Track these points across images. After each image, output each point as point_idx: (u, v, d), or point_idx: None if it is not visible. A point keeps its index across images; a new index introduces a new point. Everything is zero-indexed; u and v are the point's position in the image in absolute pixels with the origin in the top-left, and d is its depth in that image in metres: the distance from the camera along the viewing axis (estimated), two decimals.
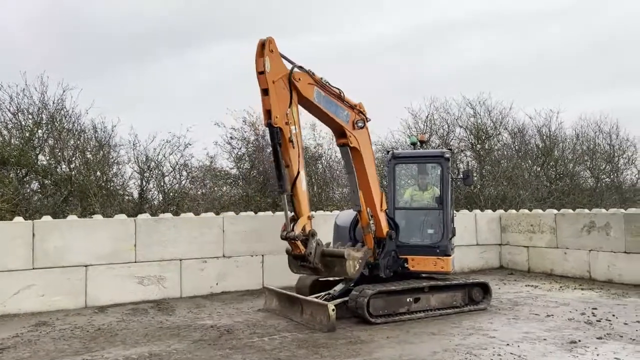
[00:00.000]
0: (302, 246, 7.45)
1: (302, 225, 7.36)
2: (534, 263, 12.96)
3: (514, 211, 14.54)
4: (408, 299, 8.02)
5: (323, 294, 8.31)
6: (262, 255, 11.05)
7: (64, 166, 14.96)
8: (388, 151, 10.03)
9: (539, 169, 22.54)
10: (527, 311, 8.38)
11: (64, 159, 14.93)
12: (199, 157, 17.46)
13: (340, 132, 8.17)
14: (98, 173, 15.14)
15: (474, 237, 13.55)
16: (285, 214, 7.40)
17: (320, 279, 8.65)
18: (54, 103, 15.15)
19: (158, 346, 6.60)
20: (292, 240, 7.42)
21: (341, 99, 8.03)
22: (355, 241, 8.58)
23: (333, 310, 7.19)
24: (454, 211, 9.42)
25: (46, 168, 14.65)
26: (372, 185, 8.27)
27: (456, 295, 8.50)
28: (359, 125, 8.20)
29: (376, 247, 8.35)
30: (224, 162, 18.26)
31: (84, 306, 9.27)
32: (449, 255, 8.73)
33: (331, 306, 7.23)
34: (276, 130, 7.12)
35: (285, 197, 7.39)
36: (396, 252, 8.52)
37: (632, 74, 39.52)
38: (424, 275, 8.79)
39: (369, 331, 7.16)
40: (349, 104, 8.15)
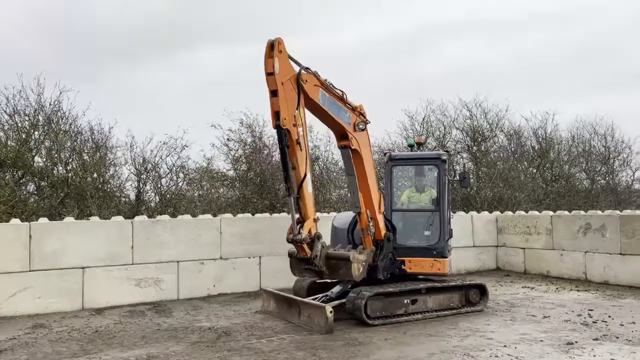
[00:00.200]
0: (308, 249, 7.41)
1: (309, 228, 7.33)
2: (530, 264, 13.01)
3: (510, 213, 14.60)
4: (405, 301, 8.04)
5: (320, 295, 8.34)
6: (260, 257, 11.06)
7: (60, 168, 14.95)
8: (385, 153, 10.06)
9: (534, 170, 22.64)
10: (524, 313, 8.42)
11: (60, 161, 14.91)
12: (196, 159, 17.50)
13: (342, 134, 8.17)
14: (95, 175, 15.12)
15: (470, 238, 13.59)
16: (291, 216, 7.38)
17: (318, 280, 8.67)
18: (50, 105, 15.18)
19: (156, 348, 6.60)
20: (299, 243, 7.37)
21: (344, 101, 8.05)
22: (354, 243, 8.59)
23: (331, 312, 7.20)
24: (451, 213, 9.45)
25: (43, 170, 14.62)
26: (372, 187, 8.30)
27: (453, 296, 8.53)
28: (360, 127, 8.21)
29: (375, 249, 8.37)
30: (221, 163, 18.29)
31: (80, 308, 9.25)
32: (446, 257, 8.76)
33: (329, 308, 7.25)
34: (285, 132, 7.07)
35: (292, 200, 7.33)
36: (393, 254, 8.54)
37: (627, 75, 39.81)
38: (421, 277, 8.82)
39: (366, 333, 7.18)
40: (351, 106, 8.17)
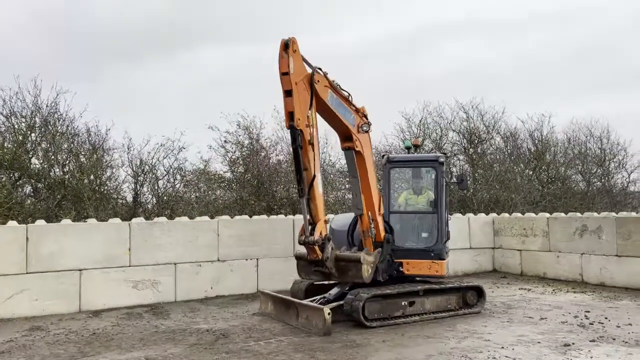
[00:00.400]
0: (320, 251, 7.41)
1: (320, 229, 7.33)
2: (527, 266, 13.05)
3: (506, 215, 14.64)
4: (403, 303, 8.05)
5: (318, 297, 8.33)
6: (257, 259, 11.06)
7: (57, 170, 14.91)
8: (383, 155, 10.08)
9: (531, 172, 22.71)
10: (521, 314, 8.44)
11: (57, 163, 14.87)
12: (193, 161, 17.50)
13: (346, 135, 8.16)
14: (92, 177, 15.09)
15: (467, 240, 13.63)
16: (304, 218, 7.37)
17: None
18: (47, 106, 15.15)
19: (154, 350, 6.59)
20: (311, 245, 7.38)
21: (349, 103, 8.07)
22: (353, 245, 8.60)
23: (329, 313, 7.20)
24: (449, 215, 9.47)
25: (39, 172, 14.59)
26: (373, 189, 8.32)
27: (451, 298, 8.55)
28: (363, 129, 8.23)
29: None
30: (218, 165, 18.30)
31: (77, 310, 9.23)
32: (444, 259, 8.78)
33: (327, 310, 7.24)
34: (298, 132, 7.07)
35: (304, 201, 7.31)
36: (391, 255, 8.56)
37: (627, 75, 40.03)
38: (419, 278, 8.83)
39: (364, 335, 7.19)
40: (355, 107, 8.19)
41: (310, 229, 7.31)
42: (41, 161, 14.89)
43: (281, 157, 18.48)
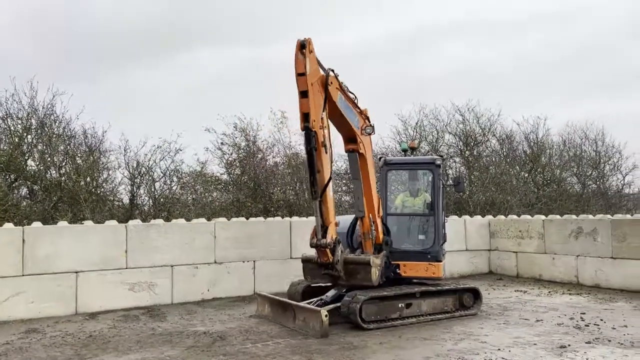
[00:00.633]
0: (331, 254, 7.41)
1: (332, 232, 7.34)
2: (523, 268, 13.10)
3: (502, 217, 14.69)
4: (400, 305, 8.06)
5: (315, 299, 8.34)
6: (254, 261, 11.06)
7: (53, 172, 14.88)
8: (379, 157, 10.11)
9: (526, 175, 22.80)
10: (517, 316, 8.48)
11: (53, 165, 14.84)
12: (190, 163, 17.48)
13: (351, 137, 8.16)
14: (88, 179, 15.06)
15: (463, 242, 13.66)
16: (316, 221, 7.37)
17: (311, 285, 8.70)
18: (43, 108, 15.12)
19: (151, 353, 6.58)
20: (324, 248, 7.37)
21: (355, 105, 8.09)
22: (353, 247, 8.61)
23: (326, 316, 7.21)
24: (445, 217, 9.51)
25: (36, 173, 14.55)
26: (373, 191, 8.35)
27: (447, 300, 8.57)
28: (367, 131, 8.25)
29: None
30: (215, 167, 18.30)
31: (74, 313, 9.20)
32: (440, 261, 8.81)
33: (324, 312, 7.25)
34: (313, 134, 7.04)
35: (317, 204, 7.29)
36: (388, 257, 8.58)
37: (627, 75, 40.26)
38: (415, 280, 8.86)
39: (361, 337, 7.20)
40: (359, 109, 8.22)
41: (322, 231, 7.30)
42: (37, 163, 14.86)
43: (278, 159, 18.53)
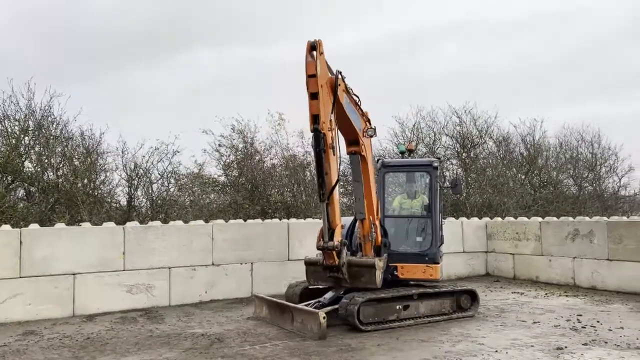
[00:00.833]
0: (337, 257, 7.43)
1: (338, 235, 7.35)
2: (520, 270, 13.14)
3: (499, 219, 14.73)
4: (398, 307, 8.09)
5: (313, 301, 8.35)
6: (251, 263, 11.06)
7: (50, 173, 14.85)
8: (377, 159, 10.14)
9: (523, 177, 22.87)
10: (514, 318, 8.51)
11: (51, 166, 14.81)
12: (187, 165, 17.48)
13: (353, 140, 8.17)
14: (85, 180, 15.03)
15: (460, 244, 13.70)
16: (323, 223, 7.36)
17: (309, 287, 8.70)
18: (41, 110, 15.09)
19: (149, 355, 6.58)
20: (331, 251, 7.36)
21: (358, 107, 8.10)
22: (352, 249, 8.61)
23: (324, 318, 7.22)
24: (442, 219, 9.54)
25: (33, 175, 14.52)
26: (373, 194, 8.37)
27: (445, 302, 8.60)
28: (369, 133, 8.28)
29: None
30: (212, 169, 18.30)
31: (71, 315, 9.19)
32: (438, 263, 8.83)
33: (322, 314, 7.27)
34: (322, 135, 7.02)
35: (324, 206, 7.29)
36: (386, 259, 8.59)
37: (627, 76, 40.45)
38: (413, 282, 8.88)
39: (359, 339, 7.22)
40: (361, 111, 8.24)
41: (328, 234, 7.30)
42: (34, 165, 14.83)
43: (275, 161, 18.56)
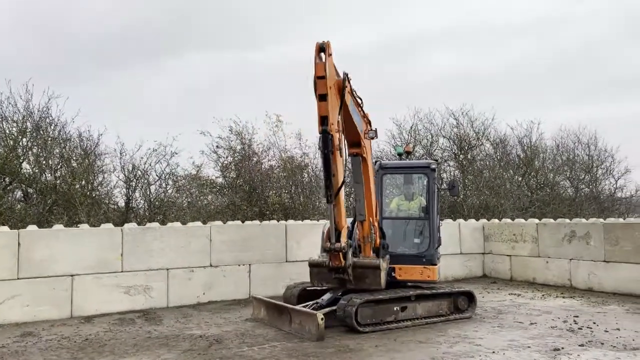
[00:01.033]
0: (343, 258, 7.45)
1: (345, 236, 7.36)
2: (517, 272, 13.19)
3: (496, 221, 14.79)
4: (395, 308, 8.11)
5: (311, 303, 8.38)
6: (249, 264, 11.08)
7: (48, 175, 14.83)
8: (375, 161, 10.17)
9: (520, 178, 22.93)
10: (511, 319, 8.55)
11: (49, 168, 14.80)
12: (185, 166, 17.47)
13: (355, 142, 8.17)
14: (83, 182, 15.02)
15: (457, 246, 13.75)
16: (330, 224, 7.36)
17: (307, 288, 8.72)
18: (39, 111, 15.06)
19: (148, 356, 6.60)
20: (338, 253, 7.37)
21: (360, 109, 8.13)
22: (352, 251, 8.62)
23: (322, 319, 7.25)
24: (440, 221, 9.58)
25: (30, 176, 14.50)
26: (373, 195, 8.41)
27: (442, 303, 8.63)
28: (369, 135, 8.32)
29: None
30: (210, 171, 18.30)
31: (69, 316, 9.19)
32: (435, 265, 8.88)
33: (320, 315, 7.30)
34: (330, 137, 7.01)
35: (331, 208, 7.29)
36: None
37: (613, 83, 40.64)
38: (410, 284, 8.91)
39: (357, 340, 7.24)
40: (363, 113, 8.27)
41: (335, 235, 7.31)
42: (32, 166, 14.80)
43: (273, 163, 18.56)
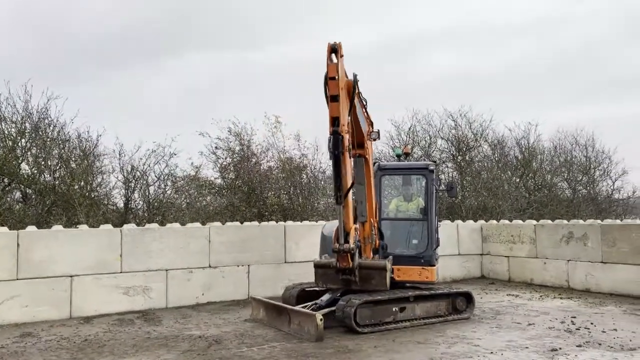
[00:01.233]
0: (351, 259, 7.46)
1: (353, 237, 7.36)
2: (515, 273, 13.23)
3: (494, 222, 14.83)
4: (394, 309, 8.14)
5: (310, 303, 8.40)
6: (248, 265, 11.11)
7: (47, 176, 14.83)
8: (374, 163, 10.20)
9: (518, 180, 23.00)
10: (509, 320, 8.59)
11: (47, 168, 14.80)
12: (184, 167, 17.48)
13: (359, 143, 8.19)
14: (82, 182, 15.02)
15: (456, 247, 13.79)
16: (339, 225, 7.36)
17: (306, 289, 8.75)
18: (37, 112, 15.06)
19: (147, 357, 6.61)
20: (347, 254, 7.38)
21: (365, 109, 8.16)
22: None
23: (321, 319, 7.26)
24: (438, 222, 9.62)
25: (29, 177, 14.49)
26: (373, 196, 8.44)
27: (440, 304, 8.66)
28: (372, 137, 8.36)
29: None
30: (209, 172, 18.31)
31: (68, 317, 9.20)
32: (434, 265, 8.92)
33: (319, 316, 7.31)
34: (341, 138, 7.02)
35: (340, 209, 7.30)
36: None
37: (611, 84, 40.77)
38: (409, 284, 8.94)
39: (356, 340, 7.27)
40: (366, 114, 8.31)
41: (344, 236, 7.31)
42: (31, 167, 14.80)
43: (272, 164, 18.58)
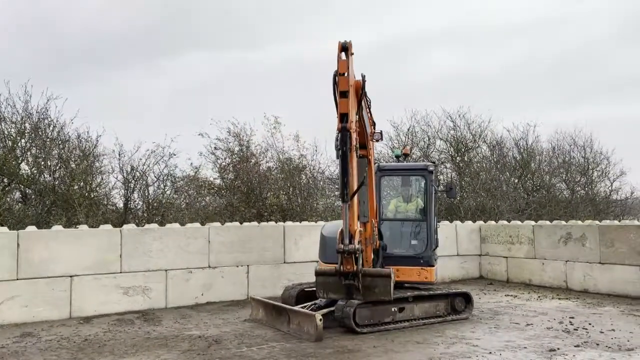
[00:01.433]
0: (355, 262, 7.08)
1: (357, 238, 7.11)
2: (513, 273, 13.27)
3: (493, 222, 14.87)
4: (393, 309, 8.16)
5: (309, 304, 8.45)
6: (248, 265, 11.13)
7: (47, 176, 14.84)
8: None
9: (516, 181, 23.03)
10: (508, 320, 8.62)
11: (47, 169, 14.81)
12: (183, 167, 17.49)
13: (363, 143, 8.17)
14: (81, 183, 15.03)
15: (454, 247, 13.82)
16: (344, 225, 7.12)
17: (305, 289, 8.77)
18: (37, 112, 15.06)
19: (147, 357, 6.64)
20: (351, 255, 6.99)
21: (369, 110, 8.18)
22: None
23: (320, 320, 7.29)
24: (437, 222, 9.65)
25: (29, 177, 14.50)
26: (374, 197, 8.46)
27: (439, 304, 8.69)
28: (375, 137, 8.37)
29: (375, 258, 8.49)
30: (208, 172, 18.32)
31: (68, 317, 9.22)
32: (433, 266, 8.95)
33: (319, 316, 7.34)
34: (349, 134, 6.98)
35: (346, 207, 7.09)
36: (382, 262, 8.70)
37: (609, 85, 40.85)
38: (408, 285, 8.98)
39: (355, 340, 7.30)
40: (370, 115, 8.34)
41: (348, 237, 7.02)
42: (31, 167, 14.81)
43: (271, 164, 18.61)
